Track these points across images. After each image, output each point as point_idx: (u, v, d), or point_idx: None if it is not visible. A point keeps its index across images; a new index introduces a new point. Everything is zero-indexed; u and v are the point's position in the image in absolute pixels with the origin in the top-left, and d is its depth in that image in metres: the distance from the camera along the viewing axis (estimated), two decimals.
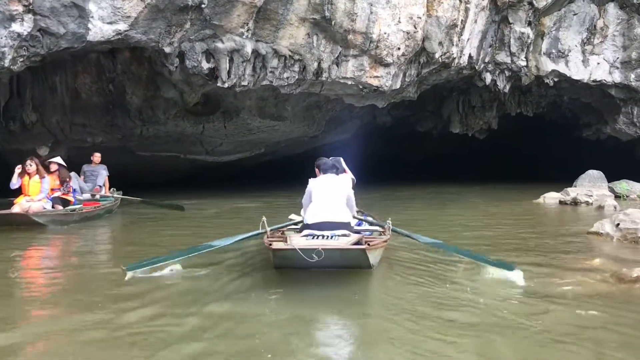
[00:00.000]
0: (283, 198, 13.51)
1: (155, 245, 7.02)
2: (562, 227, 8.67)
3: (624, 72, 16.33)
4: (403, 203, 13.44)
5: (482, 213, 10.99)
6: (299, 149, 20.61)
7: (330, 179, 6.09)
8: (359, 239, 5.47)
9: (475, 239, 7.00)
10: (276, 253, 4.98)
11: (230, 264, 5.83)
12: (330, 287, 4.92)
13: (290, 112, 14.90)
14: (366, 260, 5.08)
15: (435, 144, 26.62)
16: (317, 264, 4.77)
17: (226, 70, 10.98)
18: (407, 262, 5.98)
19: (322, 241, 5.24)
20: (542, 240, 7.19)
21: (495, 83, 16.87)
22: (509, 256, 6.05)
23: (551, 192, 12.72)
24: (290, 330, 3.73)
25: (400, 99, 15.34)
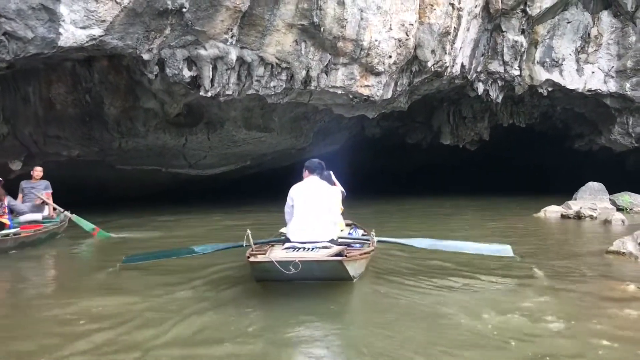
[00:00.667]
0: (269, 213, 12.90)
1: (105, 288, 5.53)
2: (575, 246, 8.11)
3: (619, 81, 16.02)
4: (395, 219, 12.86)
5: (481, 230, 10.41)
6: (286, 162, 20.03)
7: (312, 186, 5.95)
8: (339, 250, 5.39)
9: (482, 261, 6.43)
10: (254, 266, 5.05)
11: (214, 277, 5.86)
12: (307, 300, 4.90)
13: (277, 123, 14.34)
14: (345, 272, 5.15)
15: (424, 156, 26.21)
16: (295, 276, 4.85)
17: (209, 79, 10.41)
18: (391, 274, 5.98)
19: (299, 253, 5.24)
20: (560, 262, 6.55)
21: (488, 93, 16.49)
22: (528, 282, 5.51)
23: (552, 205, 12.24)
24: (260, 343, 3.79)
25: (391, 109, 14.86)
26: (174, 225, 11.56)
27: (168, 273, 6.05)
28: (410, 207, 16.54)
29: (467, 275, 5.78)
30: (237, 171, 18.48)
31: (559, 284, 5.41)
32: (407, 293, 5.13)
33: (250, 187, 22.37)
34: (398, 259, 6.86)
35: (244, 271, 5.89)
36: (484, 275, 5.81)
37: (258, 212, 13.91)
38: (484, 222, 11.84)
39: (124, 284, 5.67)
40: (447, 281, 5.55)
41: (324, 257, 5.11)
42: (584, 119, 19.64)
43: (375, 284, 5.61)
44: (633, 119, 16.81)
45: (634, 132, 17.11)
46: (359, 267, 5.67)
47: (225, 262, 6.45)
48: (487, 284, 5.50)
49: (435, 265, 6.40)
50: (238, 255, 6.14)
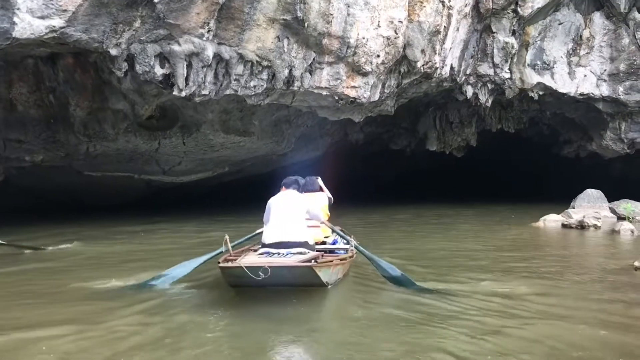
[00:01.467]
0: (247, 223, 12.08)
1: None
2: (592, 260, 7.47)
3: (612, 84, 15.60)
4: (381, 230, 12.15)
5: (479, 242, 9.69)
6: (267, 168, 19.26)
7: (289, 197, 6.14)
8: (314, 257, 5.44)
9: (490, 275, 5.79)
10: (224, 271, 5.09)
11: (193, 282, 5.94)
12: (274, 306, 4.93)
13: (257, 126, 13.58)
14: (316, 278, 5.15)
15: (409, 162, 25.66)
16: (267, 282, 4.85)
17: (183, 77, 9.62)
18: (371, 280, 5.98)
19: (269, 259, 5.28)
20: (585, 283, 5.83)
21: (477, 97, 15.95)
22: (564, 315, 4.72)
23: (551, 214, 11.66)
24: (220, 348, 3.84)
25: (377, 112, 14.20)
26: (137, 237, 10.71)
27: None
28: (402, 216, 15.86)
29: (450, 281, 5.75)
30: (215, 178, 17.65)
31: (613, 318, 4.59)
32: (382, 300, 5.16)
33: (229, 196, 21.51)
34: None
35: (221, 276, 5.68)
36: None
37: (236, 222, 13.12)
38: (483, 232, 11.12)
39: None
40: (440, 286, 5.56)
41: (294, 263, 5.11)
42: (574, 125, 19.22)
43: (351, 291, 5.72)
44: (626, 124, 16.40)
45: (626, 137, 16.70)
46: (334, 274, 5.65)
47: (207, 267, 6.35)
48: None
49: (417, 272, 6.43)
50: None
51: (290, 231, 5.77)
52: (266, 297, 5.10)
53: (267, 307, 4.89)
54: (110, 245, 9.52)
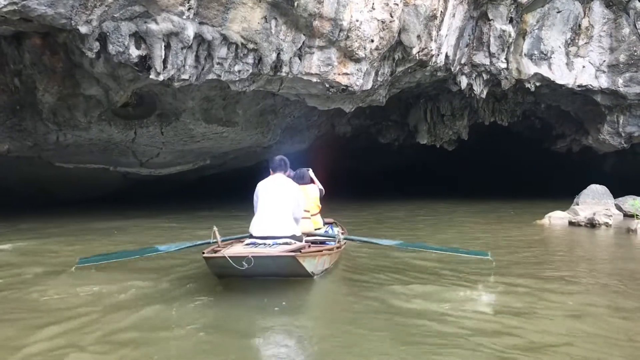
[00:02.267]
0: (228, 219, 11.37)
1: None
2: (629, 265, 6.72)
3: (611, 76, 15.08)
4: (386, 228, 11.44)
5: (483, 241, 8.90)
6: (250, 161, 18.52)
7: (277, 184, 6.09)
8: (300, 247, 5.47)
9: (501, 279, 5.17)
10: (208, 261, 5.07)
11: (177, 273, 5.97)
12: (258, 295, 4.92)
13: (241, 116, 12.80)
14: (301, 268, 5.20)
15: (397, 156, 25.05)
16: (251, 272, 4.90)
17: (161, 59, 8.82)
18: (361, 271, 6.06)
19: (253, 249, 5.31)
20: (618, 293, 5.17)
21: (472, 87, 15.35)
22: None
23: (556, 211, 11.06)
24: (200, 339, 3.82)
25: (369, 103, 13.51)
26: (106, 235, 9.85)
27: (131, 271, 6.08)
28: (394, 213, 15.17)
29: (439, 275, 5.69)
30: (195, 171, 16.86)
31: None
32: (369, 291, 5.16)
33: (210, 190, 20.71)
34: (370, 256, 6.98)
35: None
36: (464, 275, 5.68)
37: (217, 218, 12.36)
38: (485, 231, 10.43)
39: (80, 282, 5.50)
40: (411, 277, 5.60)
41: (277, 253, 5.14)
42: (569, 118, 18.76)
43: (338, 281, 5.77)
44: (624, 117, 15.91)
45: (624, 131, 16.22)
46: (320, 264, 5.71)
47: (195, 259, 6.36)
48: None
49: (409, 264, 6.44)
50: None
51: (278, 224, 5.78)
52: (252, 287, 5.10)
53: (251, 298, 4.87)
54: (68, 244, 8.54)
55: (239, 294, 4.97)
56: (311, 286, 5.33)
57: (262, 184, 6.15)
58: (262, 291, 5.02)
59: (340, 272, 6.27)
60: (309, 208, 7.25)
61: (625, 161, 23.40)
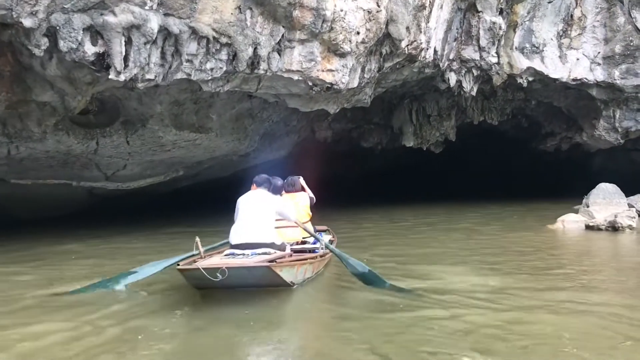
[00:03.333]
0: (205, 234, 10.26)
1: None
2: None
3: (607, 68, 14.41)
4: (392, 235, 10.49)
5: (495, 252, 7.95)
6: (227, 171, 17.44)
7: (258, 196, 6.15)
8: (279, 256, 5.52)
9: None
10: (183, 273, 5.12)
11: (159, 284, 5.96)
12: (237, 307, 4.91)
13: (215, 121, 11.74)
14: (277, 277, 5.19)
15: (381, 161, 24.20)
16: (228, 283, 4.95)
17: (121, 56, 7.75)
18: (343, 278, 6.03)
19: (229, 260, 5.39)
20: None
21: (461, 85, 14.53)
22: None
23: (569, 214, 10.21)
24: (175, 351, 3.86)
25: (354, 103, 12.58)
26: (65, 261, 8.72)
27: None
28: (377, 219, 14.25)
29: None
30: (168, 184, 15.71)
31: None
32: (350, 300, 5.18)
33: (185, 203, 19.55)
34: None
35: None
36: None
37: (191, 234, 11.29)
38: (493, 239, 9.46)
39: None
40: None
41: (252, 264, 5.17)
42: (559, 115, 18.11)
43: (319, 290, 5.81)
44: (620, 112, 15.24)
45: (620, 126, 15.55)
46: (300, 273, 5.72)
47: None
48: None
49: (395, 270, 6.42)
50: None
51: (256, 232, 5.81)
52: (229, 298, 5.12)
53: (227, 309, 4.91)
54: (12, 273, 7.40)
55: (217, 305, 5.00)
56: (290, 296, 5.34)
57: (242, 198, 6.20)
58: (239, 302, 5.05)
59: (324, 280, 6.33)
60: (298, 216, 7.19)
61: (614, 158, 22.89)
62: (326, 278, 6.45)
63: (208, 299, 5.16)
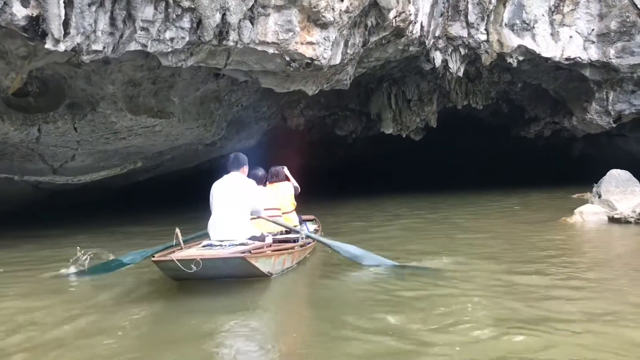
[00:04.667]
0: (163, 234, 8.96)
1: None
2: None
3: (602, 47, 13.52)
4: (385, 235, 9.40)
5: (513, 253, 6.84)
6: (191, 162, 16.08)
7: (232, 183, 6.08)
8: (257, 247, 5.58)
9: None
10: (158, 265, 5.18)
11: (138, 275, 6.03)
12: (212, 298, 4.96)
13: (177, 105, 10.38)
14: (253, 268, 5.28)
15: (358, 149, 23.10)
16: (205, 274, 5.04)
17: (60, 21, 6.37)
18: (325, 268, 6.30)
19: (204, 251, 5.45)
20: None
21: (447, 65, 13.47)
22: None
23: (586, 205, 9.22)
24: (148, 342, 3.88)
25: (334, 84, 11.36)
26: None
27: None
28: (361, 214, 13.13)
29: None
30: (125, 177, 14.27)
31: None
32: (327, 289, 5.27)
33: (146, 198, 18.08)
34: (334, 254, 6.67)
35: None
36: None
37: (149, 234, 9.99)
38: (504, 235, 8.37)
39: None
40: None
41: (227, 255, 5.24)
42: (544, 100, 17.26)
43: (297, 280, 5.85)
44: (614, 93, 14.39)
45: (613, 109, 14.72)
46: (278, 263, 5.78)
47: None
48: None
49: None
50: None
51: (233, 227, 5.82)
52: (206, 288, 5.16)
53: (202, 299, 4.92)
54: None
55: (192, 296, 5.02)
56: (268, 286, 5.38)
57: (215, 185, 6.14)
58: (215, 293, 5.09)
59: (305, 270, 6.40)
60: (282, 206, 7.32)
61: (595, 145, 22.29)
62: (308, 268, 6.53)
63: (184, 290, 5.18)
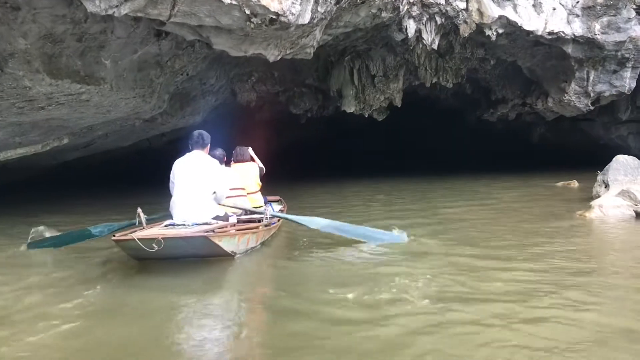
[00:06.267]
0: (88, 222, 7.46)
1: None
2: None
3: (586, 21, 12.55)
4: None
5: (535, 265, 5.48)
6: (128, 140, 14.27)
7: (195, 162, 6.00)
8: (220, 226, 5.53)
9: None
10: (118, 244, 5.15)
11: (98, 255, 6.02)
12: (173, 277, 4.91)
13: (109, 69, 8.59)
14: (216, 247, 5.29)
15: (313, 129, 21.71)
16: (168, 253, 5.07)
17: None
18: (290, 248, 6.48)
19: (166, 230, 5.43)
20: None
21: (420, 35, 12.17)
22: None
23: (604, 196, 8.05)
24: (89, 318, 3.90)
25: (298, 51, 9.83)
26: None
27: (45, 252, 6.24)
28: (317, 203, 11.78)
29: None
30: (50, 156, 12.36)
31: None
32: (289, 270, 5.33)
33: (77, 181, 16.13)
34: (303, 232, 6.91)
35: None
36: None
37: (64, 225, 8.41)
38: (512, 231, 7.08)
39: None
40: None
41: (189, 234, 5.21)
42: (517, 79, 16.27)
43: (261, 260, 5.88)
44: (595, 73, 13.46)
45: (593, 90, 13.80)
46: (242, 243, 5.80)
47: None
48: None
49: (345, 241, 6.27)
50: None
51: (197, 206, 5.79)
52: (167, 268, 5.10)
53: (163, 278, 4.88)
54: None
55: (152, 275, 4.98)
56: (231, 266, 5.38)
57: (178, 162, 6.06)
58: (178, 272, 5.01)
59: (269, 250, 6.41)
60: (247, 186, 7.35)
61: (556, 129, 21.69)
62: (272, 247, 6.58)
63: (146, 269, 5.13)
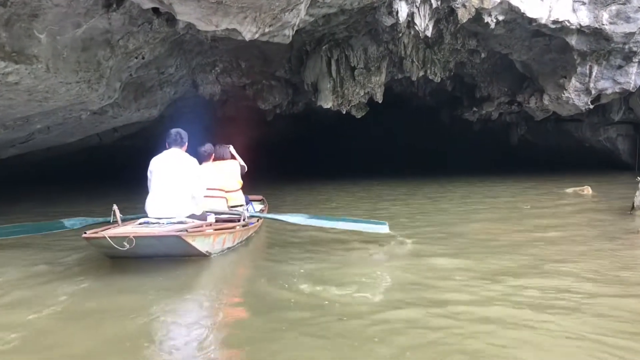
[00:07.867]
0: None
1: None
2: None
3: (593, 9, 11.47)
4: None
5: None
6: (73, 136, 12.53)
7: (172, 160, 5.95)
8: (192, 226, 5.45)
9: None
10: (89, 242, 5.06)
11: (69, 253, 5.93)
12: (144, 276, 4.88)
13: (45, 45, 6.96)
14: (190, 247, 5.21)
15: (282, 126, 20.27)
16: (140, 252, 5.04)
17: None
18: (269, 247, 6.53)
19: (138, 228, 5.33)
20: None
21: (412, 20, 10.87)
22: None
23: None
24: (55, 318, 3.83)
25: (276, 31, 8.36)
26: None
27: (13, 247, 6.19)
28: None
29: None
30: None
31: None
32: (265, 270, 5.21)
33: (15, 181, 14.39)
34: (282, 232, 7.09)
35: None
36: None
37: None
38: (569, 258, 5.39)
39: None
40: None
41: (161, 233, 5.11)
42: (506, 74, 15.20)
43: (237, 261, 5.81)
44: (599, 68, 12.40)
45: (595, 87, 12.74)
46: (217, 243, 5.74)
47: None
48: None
49: (328, 238, 6.47)
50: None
51: (173, 203, 5.75)
52: (141, 267, 5.09)
53: (134, 278, 4.86)
54: None
55: (125, 274, 4.93)
56: (205, 266, 5.33)
57: (155, 160, 5.99)
58: (150, 271, 4.98)
59: (246, 249, 6.38)
60: (227, 185, 7.24)
61: (537, 130, 20.87)
62: (250, 247, 6.53)
63: (118, 268, 5.09)
